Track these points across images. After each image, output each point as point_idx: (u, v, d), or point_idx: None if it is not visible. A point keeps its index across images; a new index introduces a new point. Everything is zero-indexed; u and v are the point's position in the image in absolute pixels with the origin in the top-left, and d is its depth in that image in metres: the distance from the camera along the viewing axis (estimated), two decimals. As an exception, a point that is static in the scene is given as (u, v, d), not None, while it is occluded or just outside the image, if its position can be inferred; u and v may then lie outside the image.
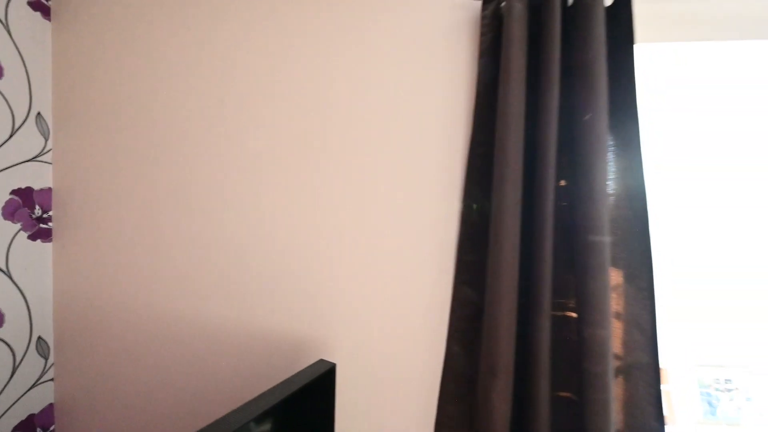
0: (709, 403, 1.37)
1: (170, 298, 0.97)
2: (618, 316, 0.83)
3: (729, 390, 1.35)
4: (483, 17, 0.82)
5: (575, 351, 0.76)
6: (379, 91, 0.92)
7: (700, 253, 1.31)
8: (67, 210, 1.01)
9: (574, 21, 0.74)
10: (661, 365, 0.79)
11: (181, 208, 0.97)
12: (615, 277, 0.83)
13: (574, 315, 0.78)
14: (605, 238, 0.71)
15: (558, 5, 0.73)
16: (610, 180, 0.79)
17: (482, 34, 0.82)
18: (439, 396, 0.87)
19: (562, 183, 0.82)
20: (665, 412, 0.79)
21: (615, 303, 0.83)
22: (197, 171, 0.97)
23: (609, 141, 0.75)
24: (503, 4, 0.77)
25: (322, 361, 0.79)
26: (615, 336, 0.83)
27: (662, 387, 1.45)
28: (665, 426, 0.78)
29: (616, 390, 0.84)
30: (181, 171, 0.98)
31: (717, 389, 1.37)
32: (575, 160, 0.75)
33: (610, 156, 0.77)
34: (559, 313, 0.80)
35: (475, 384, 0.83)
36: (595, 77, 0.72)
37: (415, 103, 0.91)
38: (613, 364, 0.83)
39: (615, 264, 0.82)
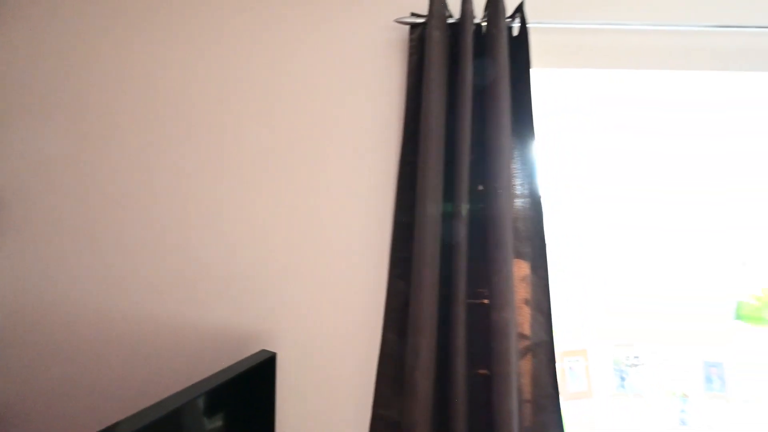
0: (621, 378, 1.58)
1: (109, 297, 0.99)
2: (527, 302, 0.96)
3: (636, 366, 1.55)
4: (411, 40, 0.92)
5: (488, 333, 0.88)
6: (323, 102, 1.00)
7: (613, 253, 1.51)
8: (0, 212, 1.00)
9: (484, 48, 0.86)
10: (556, 343, 0.93)
11: (119, 207, 1.00)
12: (524, 268, 0.96)
13: (486, 302, 0.90)
14: (508, 235, 0.84)
15: (470, 34, 0.85)
16: (519, 185, 0.92)
17: (410, 55, 0.92)
18: (376, 379, 0.97)
19: (480, 188, 0.94)
20: (559, 382, 0.94)
21: (524, 291, 0.97)
22: (136, 171, 1.00)
23: (514, 152, 0.88)
24: (426, 30, 0.87)
25: (263, 350, 0.86)
26: (524, 319, 0.97)
27: (583, 365, 1.64)
28: (559, 394, 0.92)
29: (525, 365, 0.98)
30: (119, 171, 1.00)
31: (627, 365, 1.57)
32: (487, 168, 0.87)
33: (517, 165, 0.90)
34: (476, 301, 0.92)
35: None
36: (501, 96, 0.84)
37: (354, 115, 0.99)
38: (522, 343, 0.97)
39: (524, 258, 0.95)
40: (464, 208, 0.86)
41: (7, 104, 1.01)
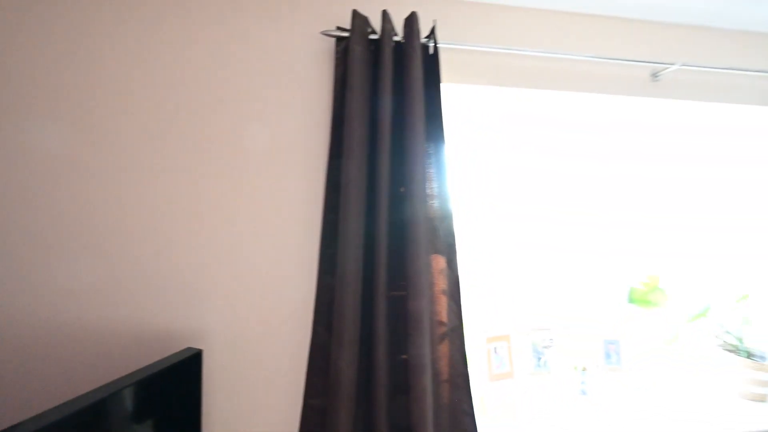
0: (538, 358, 1.77)
1: (29, 297, 0.94)
2: (444, 292, 1.07)
3: (550, 347, 1.75)
4: (336, 52, 0.99)
5: (405, 321, 0.98)
6: (255, 105, 1.03)
7: (528, 250, 1.71)
8: None
9: (402, 63, 0.95)
10: (466, 328, 1.06)
11: (40, 207, 0.95)
12: (441, 263, 1.08)
13: (405, 293, 1.00)
14: (421, 232, 0.94)
15: (389, 51, 0.94)
16: (433, 188, 1.03)
17: (336, 66, 0.99)
18: (307, 370, 1.02)
19: (402, 189, 1.03)
20: (470, 364, 1.06)
21: (442, 283, 1.08)
22: (58, 169, 0.96)
23: (428, 157, 0.99)
24: (349, 45, 0.95)
25: (188, 348, 0.87)
26: (442, 308, 1.08)
27: (506, 348, 1.81)
28: (469, 373, 1.04)
29: (443, 349, 1.09)
30: (38, 170, 0.95)
31: (543, 347, 1.77)
32: (404, 171, 0.97)
33: (431, 168, 1.01)
34: (397, 293, 1.01)
35: (334, 356, 1.00)
36: (415, 107, 0.94)
37: (285, 118, 1.04)
38: (440, 329, 1.08)
39: (441, 253, 1.06)
40: (385, 208, 0.95)
41: None
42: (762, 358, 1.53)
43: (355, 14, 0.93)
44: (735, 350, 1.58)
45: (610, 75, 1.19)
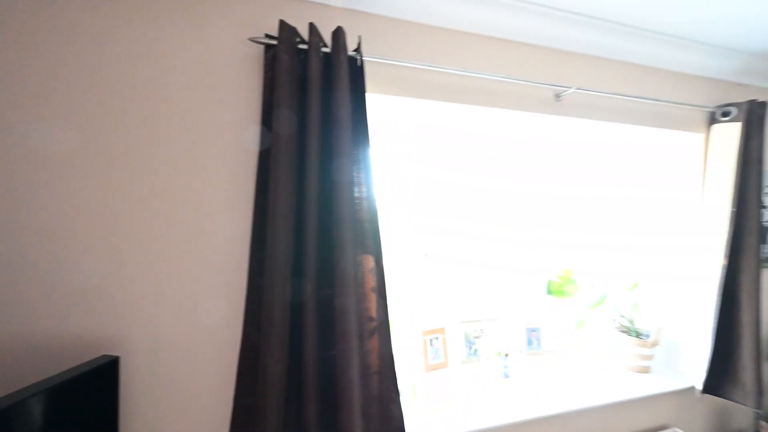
0: (470, 347, 1.92)
1: None
2: (374, 290, 1.15)
3: (480, 336, 1.91)
4: (266, 58, 1.01)
5: (333, 317, 1.03)
6: (178, 105, 1.02)
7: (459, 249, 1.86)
8: None
9: (329, 74, 1.01)
10: (393, 322, 1.14)
11: None
12: (371, 261, 1.15)
13: (332, 292, 1.05)
14: (347, 233, 1.00)
15: (316, 63, 0.99)
16: (363, 191, 1.10)
17: (265, 72, 1.01)
18: (238, 370, 1.03)
19: (330, 191, 1.08)
20: (397, 357, 1.15)
21: (372, 280, 1.15)
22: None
23: (356, 162, 1.05)
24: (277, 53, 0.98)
25: (103, 356, 0.85)
26: (372, 305, 1.15)
27: (441, 340, 1.93)
28: (395, 365, 1.13)
29: (373, 343, 1.16)
30: None
31: (474, 337, 1.93)
32: (332, 174, 1.02)
33: (357, 172, 1.07)
34: (326, 292, 1.06)
35: (264, 355, 1.03)
36: (342, 114, 1.00)
37: (212, 119, 1.04)
38: (370, 325, 1.15)
39: (370, 252, 1.13)
40: (314, 211, 0.99)
41: None
42: (647, 336, 1.82)
43: (283, 25, 0.97)
44: (627, 331, 1.86)
45: (522, 94, 1.35)
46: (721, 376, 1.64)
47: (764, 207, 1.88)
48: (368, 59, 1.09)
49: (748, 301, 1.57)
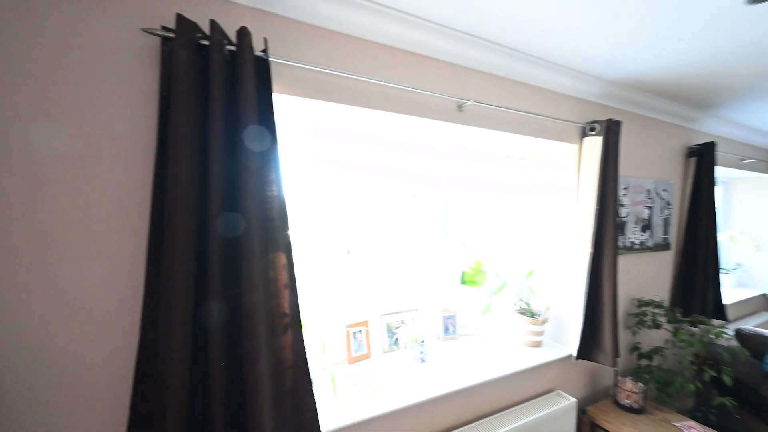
0: (392, 338, 2.04)
1: None
2: (286, 286, 1.17)
3: (402, 327, 2.04)
4: (163, 51, 0.97)
5: (240, 315, 1.04)
6: (69, 96, 0.92)
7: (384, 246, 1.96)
8: None
9: (235, 73, 1.01)
10: (302, 317, 1.18)
11: None
12: (283, 258, 1.17)
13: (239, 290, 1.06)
14: (254, 230, 1.01)
15: (220, 60, 0.98)
16: (273, 190, 1.12)
17: (162, 65, 0.97)
18: (135, 378, 0.98)
19: (236, 191, 1.08)
20: (309, 349, 1.19)
21: (284, 277, 1.17)
22: None
23: (264, 161, 1.07)
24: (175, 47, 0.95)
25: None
26: (284, 301, 1.17)
27: (364, 333, 2.01)
28: (308, 358, 1.17)
29: (287, 339, 1.18)
30: None
31: (396, 327, 2.05)
32: (238, 173, 1.02)
33: (271, 172, 1.09)
34: (234, 291, 1.06)
35: (165, 361, 0.99)
36: (248, 114, 1.00)
37: (101, 114, 0.96)
38: (283, 321, 1.18)
39: (282, 250, 1.16)
40: (217, 209, 0.99)
41: None
42: (539, 315, 2.13)
43: (180, 19, 0.94)
44: (524, 312, 2.15)
45: (429, 103, 1.49)
46: (589, 343, 2.00)
47: (622, 205, 2.35)
48: (277, 60, 1.12)
49: (608, 282, 1.94)
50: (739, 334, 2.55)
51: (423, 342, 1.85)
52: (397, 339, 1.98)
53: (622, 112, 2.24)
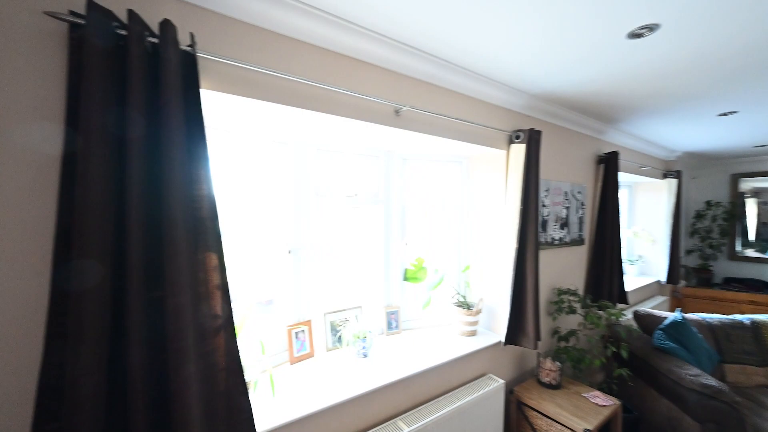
0: (335, 335, 2.07)
1: None
2: (218, 287, 1.15)
3: (345, 324, 2.08)
4: (71, 38, 0.90)
5: (164, 319, 1.00)
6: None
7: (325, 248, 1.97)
8: None
9: (157, 67, 0.97)
10: (234, 317, 1.17)
11: None
12: (214, 259, 1.15)
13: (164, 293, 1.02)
14: (179, 231, 0.99)
15: (139, 52, 0.93)
16: (203, 189, 1.09)
17: (71, 53, 0.90)
18: (38, 392, 0.89)
19: (157, 190, 1.04)
20: (242, 350, 1.18)
21: (216, 278, 1.15)
22: None
23: (192, 159, 1.04)
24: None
25: None
26: (217, 302, 1.15)
27: (307, 332, 2.02)
28: (241, 359, 1.16)
29: (219, 341, 1.16)
30: None
31: (339, 326, 2.08)
32: (161, 172, 0.98)
33: (200, 171, 1.07)
34: (159, 293, 1.02)
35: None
36: (173, 110, 0.97)
37: (6, 97, 0.87)
38: (216, 322, 1.15)
39: (213, 250, 1.13)
40: (137, 210, 0.94)
41: None
42: (473, 306, 2.31)
43: (91, 4, 0.88)
44: (461, 304, 2.32)
45: (366, 106, 1.55)
46: (515, 329, 2.23)
47: (544, 206, 2.63)
48: (206, 56, 1.09)
49: (530, 274, 2.17)
50: (636, 315, 3.01)
51: (365, 338, 1.91)
52: (340, 337, 2.02)
53: (543, 123, 2.52)
